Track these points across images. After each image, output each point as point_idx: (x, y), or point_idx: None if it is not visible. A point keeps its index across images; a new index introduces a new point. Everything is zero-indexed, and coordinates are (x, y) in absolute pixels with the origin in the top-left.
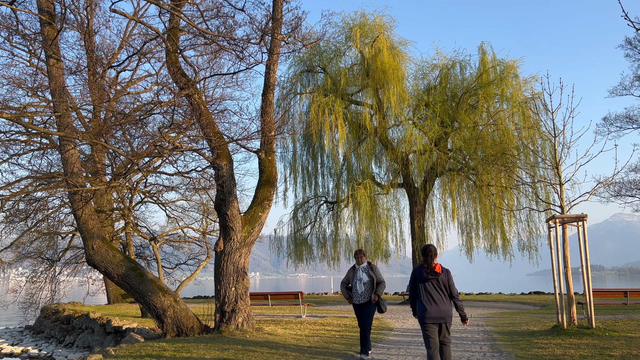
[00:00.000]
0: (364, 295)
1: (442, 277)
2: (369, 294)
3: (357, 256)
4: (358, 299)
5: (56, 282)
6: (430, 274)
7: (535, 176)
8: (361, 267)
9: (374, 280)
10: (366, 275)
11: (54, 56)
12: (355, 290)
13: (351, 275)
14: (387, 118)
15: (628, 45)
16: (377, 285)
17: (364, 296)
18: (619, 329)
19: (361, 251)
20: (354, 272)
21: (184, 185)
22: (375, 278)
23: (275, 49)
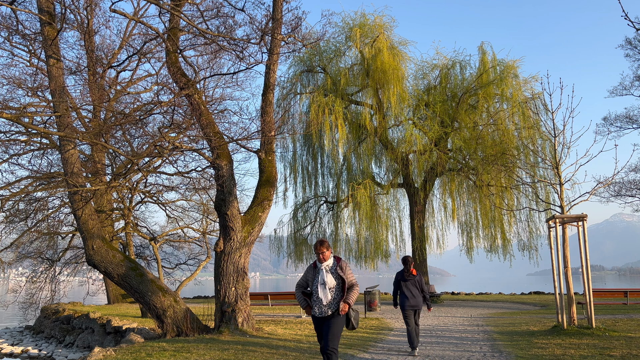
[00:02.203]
0: (330, 305)
1: (417, 278)
2: (336, 303)
3: (318, 250)
4: (321, 310)
5: (56, 282)
6: (409, 277)
7: (535, 176)
8: (325, 265)
9: (344, 284)
10: (333, 277)
11: (54, 56)
12: (317, 297)
13: (311, 276)
14: (387, 118)
15: (628, 45)
16: (348, 291)
17: (330, 306)
18: (619, 329)
19: (324, 243)
20: (314, 273)
21: (184, 185)
22: (345, 280)
23: (275, 49)
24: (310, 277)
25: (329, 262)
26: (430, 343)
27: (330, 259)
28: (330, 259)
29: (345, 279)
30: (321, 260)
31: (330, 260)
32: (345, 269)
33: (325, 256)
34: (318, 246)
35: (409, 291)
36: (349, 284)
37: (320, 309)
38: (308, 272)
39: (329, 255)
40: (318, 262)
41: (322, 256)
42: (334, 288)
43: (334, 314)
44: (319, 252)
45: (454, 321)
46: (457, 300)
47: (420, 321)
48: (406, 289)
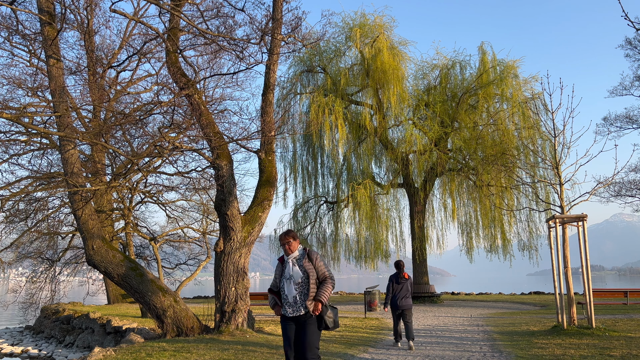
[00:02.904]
0: (297, 304)
1: (408, 282)
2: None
3: (283, 240)
4: (290, 309)
5: (56, 282)
6: (402, 280)
7: (535, 176)
8: (292, 257)
9: (316, 277)
10: (299, 270)
11: (54, 56)
12: (284, 295)
13: (279, 272)
14: (387, 118)
15: (628, 45)
16: (321, 285)
17: (298, 306)
18: (619, 329)
19: (289, 233)
20: (282, 268)
21: (184, 185)
22: (316, 274)
23: (275, 49)
24: (278, 273)
25: (295, 254)
26: (430, 343)
27: (297, 251)
28: (297, 251)
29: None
30: (287, 253)
31: (297, 252)
32: (315, 260)
33: (292, 247)
34: (283, 236)
35: (400, 293)
36: (321, 278)
37: (290, 307)
38: (277, 268)
39: (296, 246)
40: (285, 254)
41: (287, 247)
42: (303, 283)
43: (307, 315)
44: (284, 243)
45: (454, 321)
46: (457, 300)
47: (420, 321)
48: (399, 290)
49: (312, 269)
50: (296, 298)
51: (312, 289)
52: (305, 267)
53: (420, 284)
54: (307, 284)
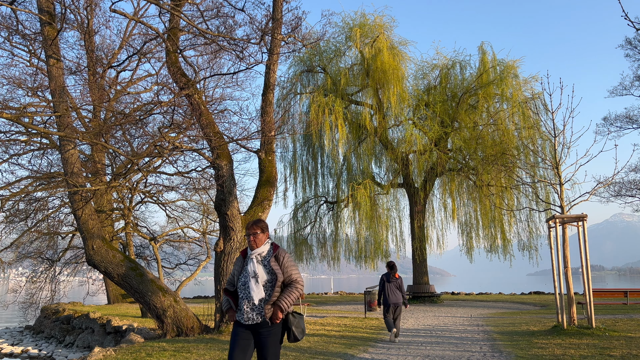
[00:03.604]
0: (258, 308)
1: (399, 281)
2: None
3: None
4: (247, 316)
5: (56, 282)
6: (393, 279)
7: (535, 176)
8: (256, 253)
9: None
10: (264, 270)
11: (54, 56)
12: (243, 297)
13: (238, 268)
14: (387, 118)
15: (628, 45)
16: (286, 289)
17: (259, 311)
18: (619, 329)
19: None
20: (242, 264)
21: (184, 185)
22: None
23: (275, 49)
24: (237, 270)
25: (262, 250)
26: (430, 343)
27: (265, 246)
28: (265, 245)
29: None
30: (252, 246)
31: (265, 246)
32: (284, 260)
33: (258, 240)
34: (251, 225)
35: (391, 291)
36: (287, 280)
37: (245, 314)
38: (236, 263)
39: (263, 239)
40: (249, 248)
41: (253, 239)
42: (266, 285)
43: (265, 323)
44: (251, 233)
45: (454, 321)
46: (457, 300)
47: (420, 321)
48: (389, 289)
49: (278, 270)
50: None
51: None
52: (272, 268)
53: (420, 284)
54: (272, 287)
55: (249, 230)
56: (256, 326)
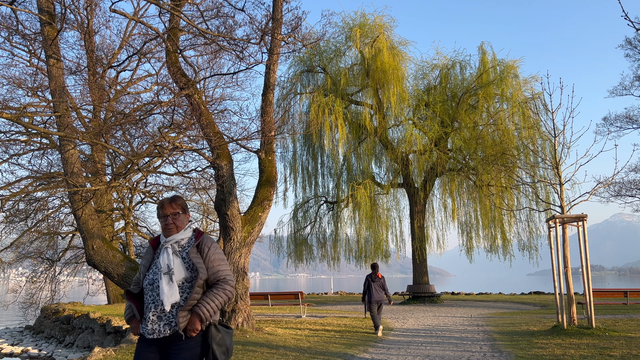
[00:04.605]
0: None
1: (382, 280)
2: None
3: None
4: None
5: (56, 282)
6: (376, 279)
7: (535, 176)
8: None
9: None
10: (182, 264)
11: (54, 56)
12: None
13: (146, 263)
14: (387, 118)
15: (628, 45)
16: (209, 291)
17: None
18: (619, 329)
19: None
20: (152, 256)
21: (184, 185)
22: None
23: (275, 49)
24: (144, 265)
25: (181, 236)
26: (430, 343)
27: (185, 232)
28: (186, 231)
29: (203, 268)
30: (168, 231)
31: (185, 232)
32: (210, 251)
33: (179, 222)
34: (168, 203)
35: (375, 289)
36: (213, 279)
37: (151, 324)
38: (144, 256)
39: (185, 222)
40: (163, 234)
41: (172, 220)
42: (184, 284)
43: (177, 337)
44: (168, 214)
45: (454, 321)
46: (457, 300)
47: (420, 321)
48: (373, 288)
49: (201, 264)
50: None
51: (195, 295)
52: (192, 260)
53: (420, 284)
54: (190, 287)
55: (165, 209)
56: (165, 341)
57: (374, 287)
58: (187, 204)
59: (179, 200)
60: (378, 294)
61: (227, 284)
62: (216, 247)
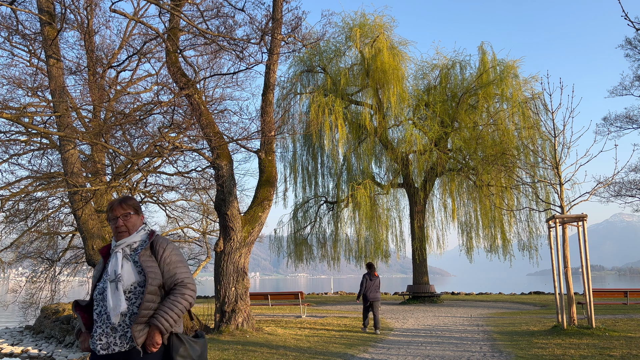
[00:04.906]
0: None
1: (378, 279)
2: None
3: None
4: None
5: (56, 282)
6: (373, 278)
7: (535, 176)
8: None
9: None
10: (133, 268)
11: (54, 56)
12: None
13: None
14: (387, 118)
15: (628, 45)
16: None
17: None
18: (619, 329)
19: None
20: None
21: (184, 185)
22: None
23: (275, 49)
24: (96, 275)
25: (133, 239)
26: (430, 343)
27: (138, 234)
28: (139, 233)
29: (157, 272)
30: (118, 235)
31: (137, 235)
32: (165, 252)
33: (131, 224)
34: (117, 205)
35: (371, 288)
36: (170, 283)
37: (106, 336)
38: (97, 265)
39: (138, 224)
40: (114, 237)
41: (123, 223)
42: (135, 291)
43: (135, 353)
44: (118, 215)
45: (454, 321)
46: (457, 300)
47: (420, 321)
48: (370, 287)
49: (154, 268)
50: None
51: (149, 304)
52: (143, 265)
53: (420, 283)
54: (142, 293)
55: (115, 210)
56: (121, 357)
57: (370, 286)
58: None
59: (130, 201)
60: (374, 293)
61: (187, 288)
62: (173, 248)
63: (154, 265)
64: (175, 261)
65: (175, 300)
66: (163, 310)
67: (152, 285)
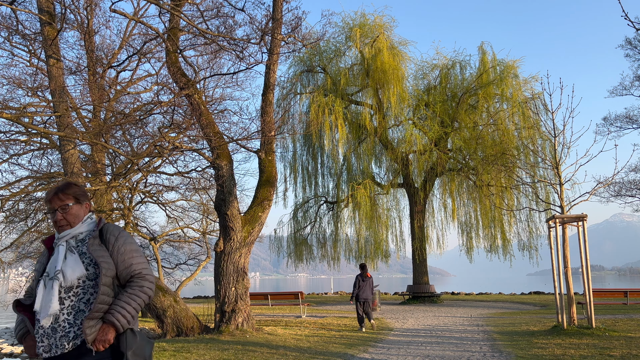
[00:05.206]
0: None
1: (370, 280)
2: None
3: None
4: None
5: None
6: (365, 278)
7: (535, 176)
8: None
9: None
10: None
11: (54, 56)
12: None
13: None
14: (387, 118)
15: (628, 45)
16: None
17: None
18: (619, 329)
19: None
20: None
21: (184, 185)
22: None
23: (275, 49)
24: (38, 269)
25: (78, 230)
26: (430, 343)
27: (84, 224)
28: (84, 223)
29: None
30: (59, 229)
31: (84, 225)
32: (118, 241)
33: (71, 216)
34: (52, 195)
35: (364, 288)
36: (125, 274)
37: (48, 338)
38: (40, 258)
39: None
40: (55, 231)
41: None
42: (83, 285)
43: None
44: (56, 207)
45: (454, 321)
46: (457, 300)
47: (420, 321)
48: (362, 287)
49: (106, 257)
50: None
51: (104, 297)
52: (93, 254)
53: (420, 284)
54: (94, 287)
55: (52, 202)
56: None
57: (362, 286)
58: (188, 204)
59: (69, 189)
60: (366, 293)
61: (145, 280)
62: (126, 236)
63: (105, 254)
64: (129, 250)
65: (133, 294)
66: (120, 306)
67: (107, 276)
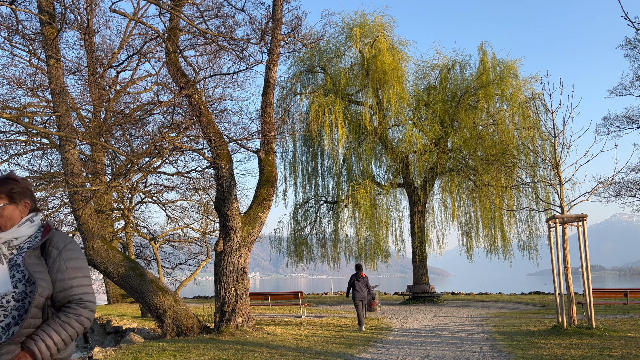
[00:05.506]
0: None
1: (365, 280)
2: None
3: None
4: None
5: None
6: (360, 278)
7: (535, 176)
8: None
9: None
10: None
11: (54, 56)
12: None
13: None
14: (387, 118)
15: (628, 45)
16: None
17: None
18: (619, 329)
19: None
20: None
21: (184, 185)
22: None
23: (275, 49)
24: None
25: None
26: (430, 343)
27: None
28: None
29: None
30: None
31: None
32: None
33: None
34: None
35: (359, 288)
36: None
37: None
38: None
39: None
40: None
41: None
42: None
43: None
44: None
45: (454, 321)
46: (457, 300)
47: (420, 321)
48: (357, 286)
49: (43, 274)
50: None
51: (32, 320)
52: (29, 269)
53: (420, 284)
54: (19, 309)
55: None
56: None
57: (358, 286)
58: (188, 204)
59: (8, 185)
60: (361, 292)
61: (84, 308)
62: (73, 250)
63: (43, 270)
64: (73, 268)
65: (66, 322)
66: (47, 333)
67: (42, 296)
